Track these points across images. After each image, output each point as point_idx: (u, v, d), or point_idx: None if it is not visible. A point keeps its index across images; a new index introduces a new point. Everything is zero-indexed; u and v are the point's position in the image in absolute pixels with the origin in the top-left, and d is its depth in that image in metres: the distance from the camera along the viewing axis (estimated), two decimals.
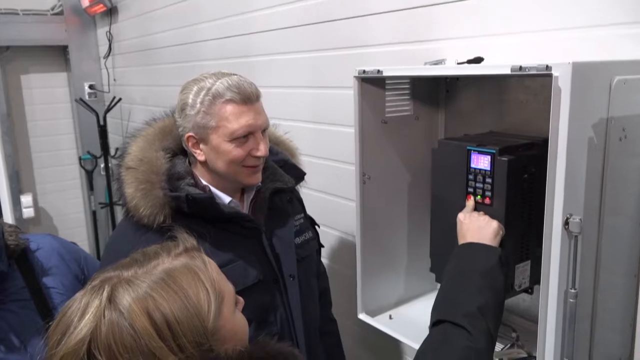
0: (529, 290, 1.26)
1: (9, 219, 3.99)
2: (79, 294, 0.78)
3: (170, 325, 0.73)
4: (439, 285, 1.61)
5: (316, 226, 1.61)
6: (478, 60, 1.25)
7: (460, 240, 1.18)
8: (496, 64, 1.14)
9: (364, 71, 1.31)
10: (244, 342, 0.83)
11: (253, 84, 1.31)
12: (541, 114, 1.28)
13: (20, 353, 1.42)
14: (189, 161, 1.38)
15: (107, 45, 4.20)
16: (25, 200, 4.38)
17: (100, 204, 4.61)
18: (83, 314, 0.74)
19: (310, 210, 1.59)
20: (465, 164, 1.21)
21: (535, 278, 1.24)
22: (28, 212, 4.38)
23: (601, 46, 1.14)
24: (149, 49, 3.55)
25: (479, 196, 1.20)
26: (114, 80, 4.27)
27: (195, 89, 1.29)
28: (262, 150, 1.30)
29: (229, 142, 1.27)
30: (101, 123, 4.30)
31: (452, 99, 1.50)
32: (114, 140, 4.39)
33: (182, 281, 0.78)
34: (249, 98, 1.28)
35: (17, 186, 4.34)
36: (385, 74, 1.27)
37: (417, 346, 1.30)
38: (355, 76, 1.33)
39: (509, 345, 1.26)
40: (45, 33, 4.39)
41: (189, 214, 1.27)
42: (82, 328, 0.72)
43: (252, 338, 0.87)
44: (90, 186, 4.64)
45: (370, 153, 1.41)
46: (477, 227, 1.15)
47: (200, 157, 1.32)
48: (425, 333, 1.38)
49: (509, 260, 1.16)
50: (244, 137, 1.28)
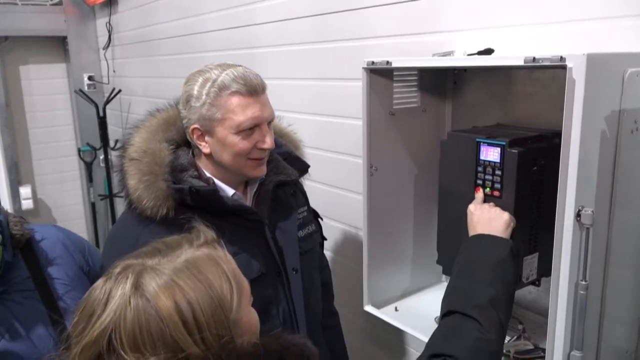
0: (537, 282, 1.26)
1: (7, 210, 3.97)
2: (100, 281, 0.77)
3: (196, 314, 0.72)
4: (444, 278, 1.62)
5: (319, 219, 1.61)
6: (489, 51, 1.24)
7: (471, 232, 1.17)
8: (509, 55, 1.13)
9: (373, 62, 1.30)
10: (256, 336, 0.83)
11: (259, 76, 1.30)
12: (549, 106, 1.28)
13: (25, 343, 1.42)
14: (192, 153, 1.37)
15: (107, 36, 4.17)
16: (24, 191, 4.37)
17: (99, 195, 4.60)
18: (107, 301, 0.73)
19: (313, 203, 1.59)
20: (475, 156, 1.20)
21: (542, 270, 1.24)
22: (27, 204, 4.37)
23: (613, 38, 1.13)
24: (149, 40, 3.52)
25: (487, 188, 1.19)
26: (114, 71, 4.25)
27: (200, 80, 1.27)
28: (268, 142, 1.29)
29: (234, 135, 1.26)
30: (101, 115, 4.28)
31: (460, 91, 1.49)
32: (114, 132, 4.38)
33: (207, 271, 0.77)
34: (255, 90, 1.27)
35: (16, 177, 4.33)
36: (394, 64, 1.26)
37: (423, 337, 1.30)
38: (364, 67, 1.32)
39: (515, 337, 1.27)
40: (44, 23, 4.36)
41: (192, 206, 1.25)
42: (107, 315, 0.71)
43: None
44: (90, 178, 4.63)
45: (378, 145, 1.40)
46: (488, 219, 1.14)
47: (205, 150, 1.31)
48: (431, 325, 1.39)
49: (519, 252, 1.16)
50: (249, 130, 1.27)
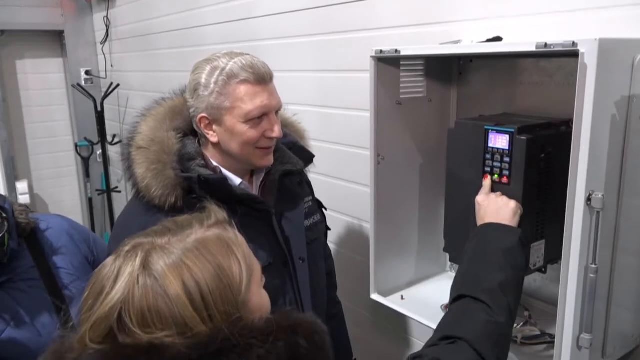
0: (543, 269, 1.27)
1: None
2: (110, 259, 0.77)
3: (203, 294, 0.73)
4: (449, 267, 1.63)
5: (323, 209, 1.61)
6: (497, 39, 1.24)
7: (479, 223, 1.18)
8: (520, 42, 1.13)
9: (381, 51, 1.30)
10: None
11: (266, 65, 1.30)
12: (556, 95, 1.28)
13: (30, 330, 1.42)
14: (198, 142, 1.36)
15: (104, 31, 4.15)
16: (21, 186, 4.34)
17: (97, 190, 4.58)
18: (117, 278, 0.73)
19: (317, 196, 1.59)
20: (483, 144, 1.21)
21: (549, 257, 1.25)
22: (24, 199, 4.33)
23: (621, 27, 1.14)
24: (147, 34, 3.51)
25: (496, 175, 1.20)
26: (112, 66, 4.23)
27: (208, 68, 1.27)
28: (277, 131, 1.29)
29: (243, 123, 1.26)
30: (98, 109, 4.26)
31: (465, 82, 1.50)
32: (112, 127, 4.36)
33: (216, 252, 0.77)
34: (263, 78, 1.27)
35: (13, 172, 4.30)
36: (403, 53, 1.26)
37: (429, 324, 1.31)
38: (372, 56, 1.32)
39: (522, 323, 1.28)
40: (41, 17, 4.34)
41: (200, 195, 1.25)
42: (116, 293, 0.72)
43: None
44: (87, 173, 4.61)
45: (385, 134, 1.40)
46: (496, 209, 1.15)
47: (213, 139, 1.30)
48: (436, 312, 1.40)
49: (529, 240, 1.16)
50: (258, 119, 1.27)
